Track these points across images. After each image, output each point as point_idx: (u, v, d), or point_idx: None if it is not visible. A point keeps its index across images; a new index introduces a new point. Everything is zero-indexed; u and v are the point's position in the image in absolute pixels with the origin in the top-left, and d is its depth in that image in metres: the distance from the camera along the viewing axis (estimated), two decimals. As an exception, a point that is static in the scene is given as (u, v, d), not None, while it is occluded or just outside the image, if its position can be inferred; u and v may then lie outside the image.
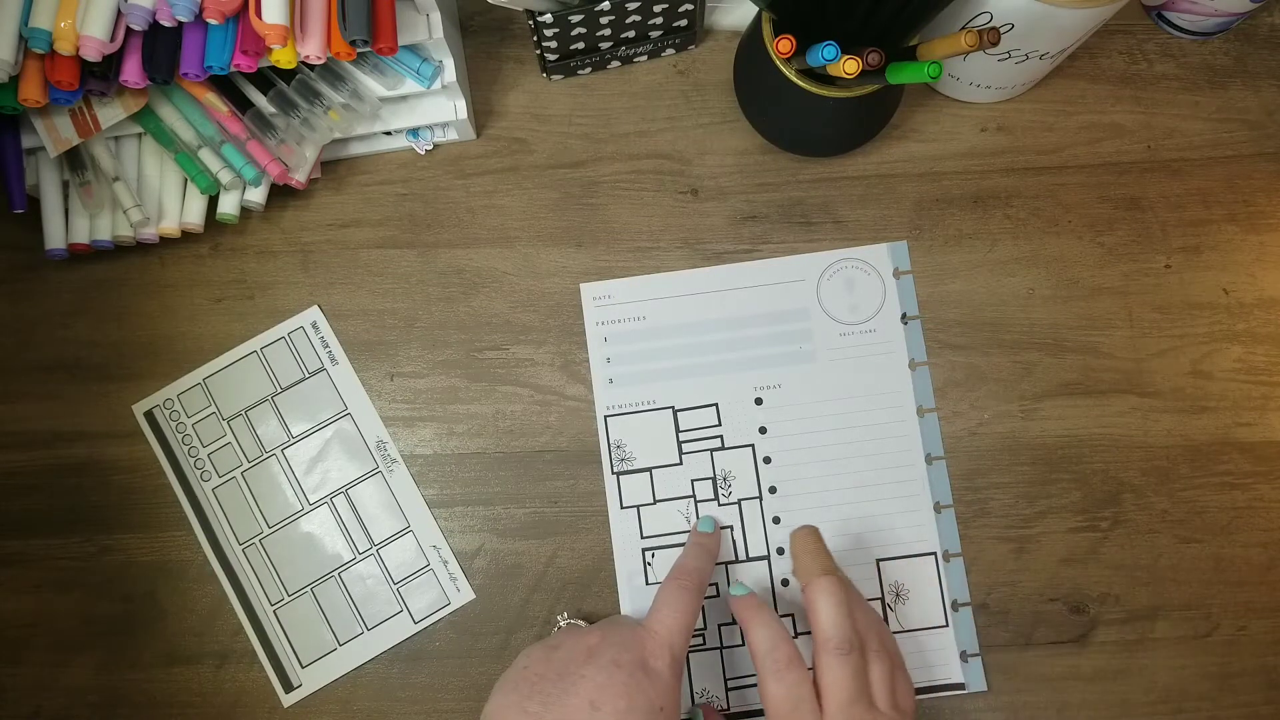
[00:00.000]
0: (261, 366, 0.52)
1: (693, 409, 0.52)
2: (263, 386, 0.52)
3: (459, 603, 0.50)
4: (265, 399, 0.52)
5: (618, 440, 0.52)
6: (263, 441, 0.52)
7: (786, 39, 0.45)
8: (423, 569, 0.50)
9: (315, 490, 0.51)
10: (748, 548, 0.51)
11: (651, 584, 0.51)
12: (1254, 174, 0.55)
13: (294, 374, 0.52)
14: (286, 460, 0.51)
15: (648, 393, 0.52)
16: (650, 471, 0.52)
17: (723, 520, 0.51)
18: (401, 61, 0.49)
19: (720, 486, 0.52)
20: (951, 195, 0.55)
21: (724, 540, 0.51)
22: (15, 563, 0.51)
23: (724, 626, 0.50)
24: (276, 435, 0.52)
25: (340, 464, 0.52)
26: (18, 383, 0.53)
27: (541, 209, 0.54)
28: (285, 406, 0.52)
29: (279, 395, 0.52)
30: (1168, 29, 0.57)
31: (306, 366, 0.52)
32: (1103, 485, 0.52)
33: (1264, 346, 0.53)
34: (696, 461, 0.52)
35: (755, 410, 0.52)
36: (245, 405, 0.52)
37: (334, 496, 0.51)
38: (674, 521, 0.51)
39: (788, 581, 0.51)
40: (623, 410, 0.52)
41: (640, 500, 0.51)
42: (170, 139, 0.50)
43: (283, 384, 0.52)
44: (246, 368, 0.52)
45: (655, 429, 0.52)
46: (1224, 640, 0.50)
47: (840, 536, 0.51)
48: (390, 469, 0.51)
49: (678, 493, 0.51)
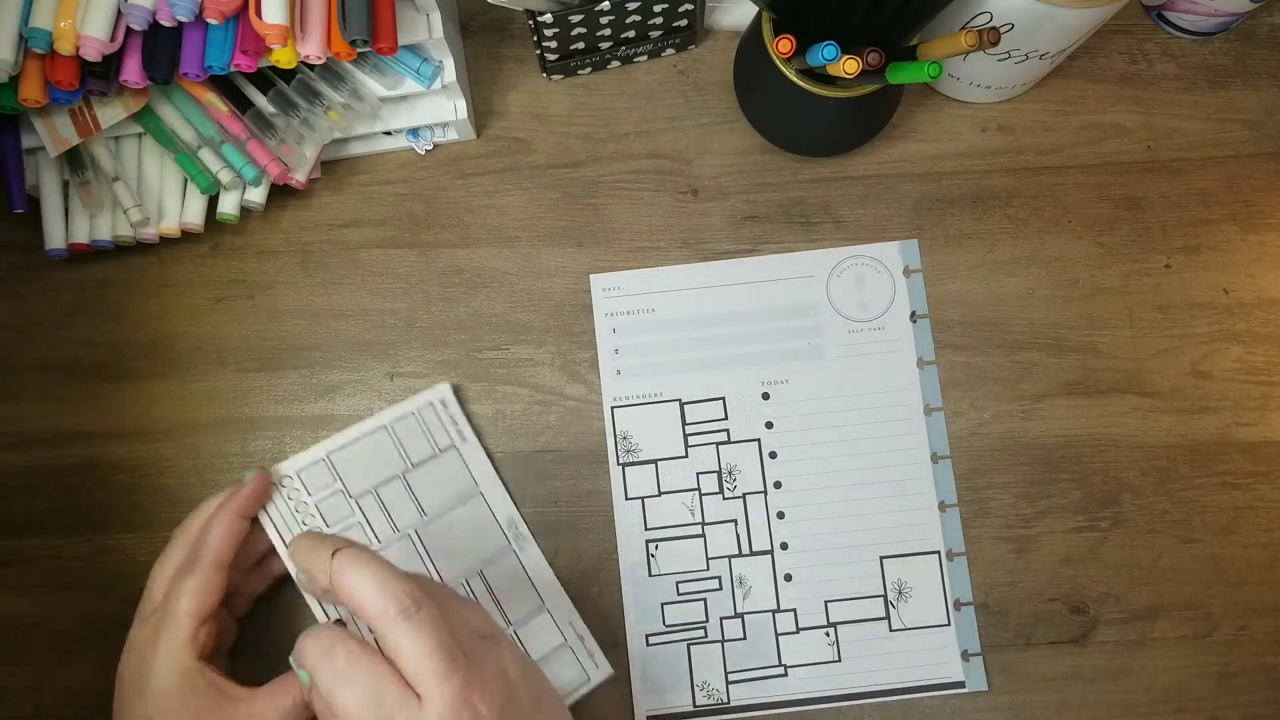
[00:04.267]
0: (389, 440, 0.50)
1: (700, 402, 0.52)
2: (394, 464, 0.50)
3: (598, 679, 0.49)
4: (393, 477, 0.50)
5: (624, 431, 0.52)
6: (396, 521, 0.49)
7: (786, 39, 0.45)
8: (559, 646, 0.49)
9: (449, 568, 0.49)
10: (751, 542, 0.51)
11: (655, 575, 0.50)
12: (1254, 174, 0.55)
13: (424, 450, 0.50)
14: (420, 540, 0.50)
15: (655, 385, 0.52)
16: (655, 463, 0.52)
17: (726, 514, 0.51)
18: (401, 61, 0.49)
19: (725, 480, 0.51)
20: (951, 195, 0.55)
21: (726, 533, 0.51)
22: (15, 563, 0.51)
23: (726, 620, 0.50)
24: (407, 515, 0.50)
25: (470, 548, 0.50)
26: (18, 383, 0.53)
27: (541, 209, 0.54)
28: (415, 484, 0.50)
29: (409, 473, 0.50)
30: (1168, 29, 0.57)
31: (437, 444, 0.50)
32: (1103, 485, 0.52)
33: (1264, 346, 0.53)
34: (702, 454, 0.52)
35: (762, 405, 0.52)
36: (375, 483, 0.50)
37: (468, 576, 0.49)
38: (679, 514, 0.51)
39: (791, 577, 0.50)
40: (630, 402, 0.52)
41: (645, 492, 0.51)
42: (170, 139, 0.50)
43: (414, 461, 0.50)
44: (375, 444, 0.50)
45: (662, 421, 0.52)
46: (1224, 640, 0.50)
47: (844, 533, 0.51)
48: (520, 548, 0.50)
49: (683, 485, 0.51)
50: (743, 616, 0.50)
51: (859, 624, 0.50)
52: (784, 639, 0.50)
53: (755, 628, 0.50)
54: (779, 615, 0.50)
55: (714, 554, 0.51)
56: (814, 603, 0.50)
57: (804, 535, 0.51)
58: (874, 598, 0.51)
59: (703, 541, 0.51)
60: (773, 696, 0.49)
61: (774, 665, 0.50)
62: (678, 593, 0.50)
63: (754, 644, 0.50)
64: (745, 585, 0.50)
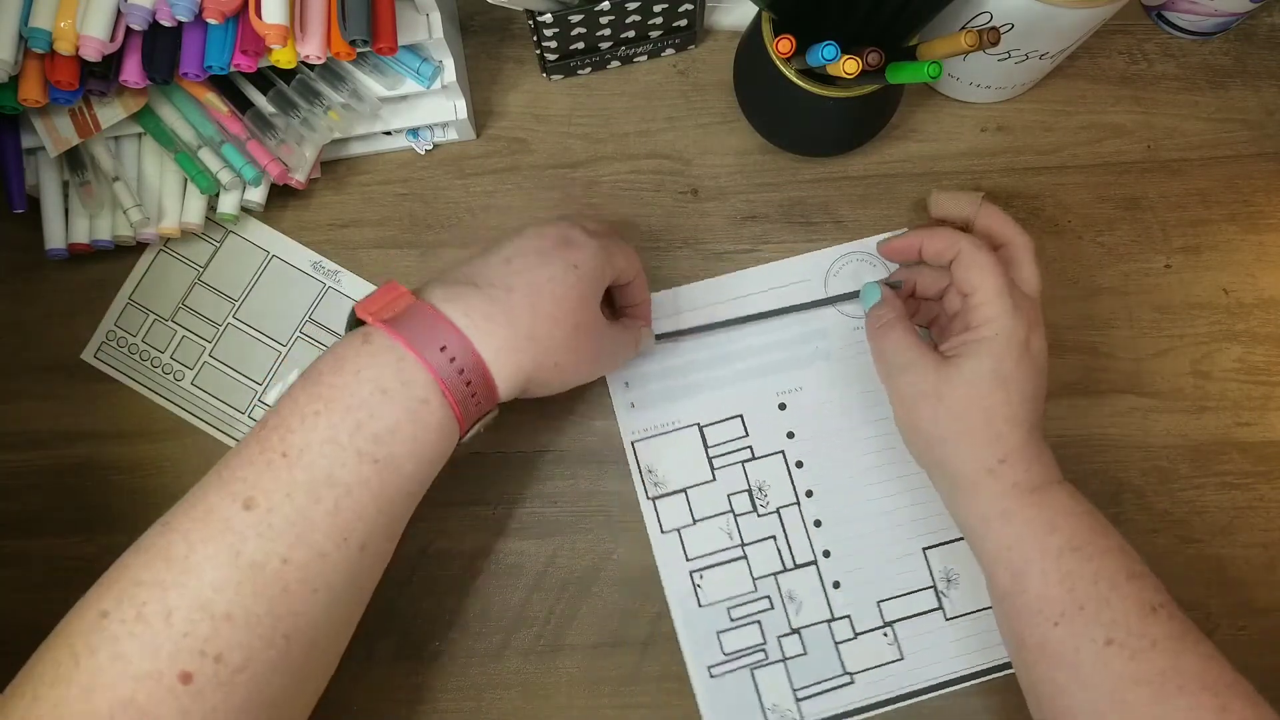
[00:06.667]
0: (174, 260, 0.53)
1: (718, 423, 0.52)
2: (185, 275, 0.53)
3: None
4: (193, 284, 0.53)
5: (648, 465, 0.51)
6: (213, 318, 0.53)
7: (786, 39, 0.45)
8: None
9: (284, 333, 0.53)
10: (793, 555, 0.50)
11: (705, 606, 0.50)
12: (1254, 174, 0.55)
13: (205, 251, 0.54)
14: (243, 323, 0.53)
15: (671, 413, 0.52)
16: (685, 492, 0.51)
17: (764, 531, 0.51)
18: (401, 61, 0.49)
19: (756, 498, 0.51)
20: (951, 195, 0.55)
21: (768, 551, 0.50)
22: (15, 563, 0.51)
23: (784, 638, 0.50)
24: (221, 308, 0.53)
25: (291, 300, 0.53)
26: (18, 383, 0.53)
27: (541, 209, 0.54)
28: (214, 281, 0.53)
29: (203, 275, 0.53)
30: (1168, 29, 0.57)
31: (213, 238, 0.54)
32: (1103, 485, 0.52)
33: (1264, 346, 0.53)
34: (729, 475, 0.51)
35: (780, 416, 0.52)
36: (179, 297, 0.53)
37: (302, 327, 0.52)
38: (717, 540, 0.50)
39: (839, 584, 0.50)
40: (649, 434, 0.52)
41: (680, 522, 0.51)
42: (170, 139, 0.50)
43: (201, 264, 0.53)
44: (162, 269, 0.53)
45: (684, 448, 0.51)
46: (1224, 640, 0.50)
47: (883, 530, 0.51)
48: (337, 281, 0.53)
49: (716, 510, 0.51)
50: (799, 632, 0.50)
51: (914, 619, 0.50)
52: (844, 647, 0.50)
53: (814, 641, 0.50)
54: (834, 624, 0.50)
55: (759, 574, 0.50)
56: (867, 605, 0.50)
57: (844, 540, 0.51)
58: (924, 590, 0.50)
59: (745, 563, 0.50)
60: (845, 706, 0.49)
61: (839, 675, 0.49)
62: (730, 619, 0.50)
63: (815, 657, 0.49)
64: (796, 600, 0.50)
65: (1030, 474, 0.44)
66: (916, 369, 0.45)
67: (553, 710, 0.50)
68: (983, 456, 0.44)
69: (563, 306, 0.42)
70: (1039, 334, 0.45)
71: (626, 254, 0.46)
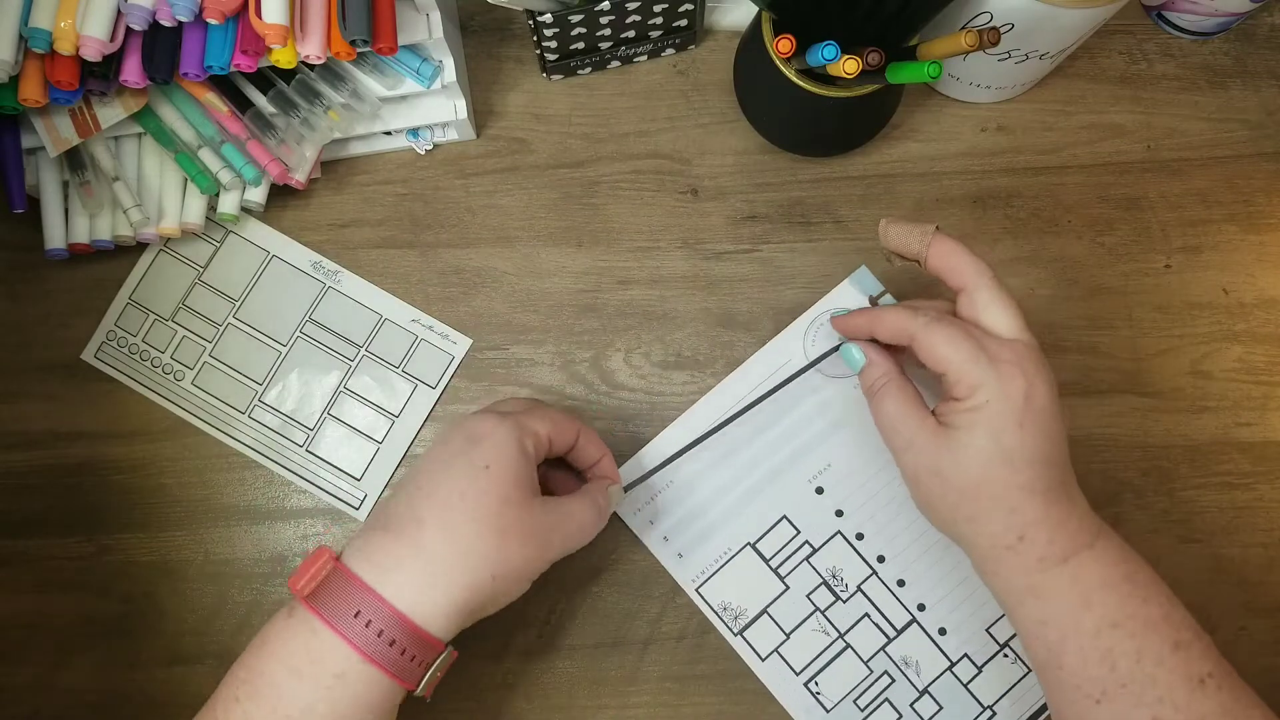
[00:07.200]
0: (174, 260, 0.54)
1: (767, 533, 0.51)
2: (185, 275, 0.53)
3: (460, 352, 0.53)
4: (193, 284, 0.53)
5: (722, 603, 0.50)
6: (213, 318, 0.53)
7: (786, 39, 0.45)
8: (415, 343, 0.52)
9: (284, 333, 0.53)
10: (890, 623, 0.50)
11: (831, 709, 0.49)
12: (1254, 174, 0.55)
13: (206, 251, 0.54)
14: (243, 323, 0.53)
15: (719, 545, 0.51)
16: (766, 612, 0.50)
17: (855, 614, 0.50)
18: (401, 61, 0.49)
19: (834, 586, 0.50)
20: (951, 195, 0.55)
21: (866, 630, 0.49)
22: (15, 563, 0.51)
23: (915, 703, 0.49)
24: (221, 308, 0.53)
25: (291, 300, 0.53)
26: (18, 383, 0.53)
27: (541, 209, 0.54)
28: (214, 281, 0.54)
29: (203, 275, 0.53)
30: (1168, 29, 0.57)
31: (213, 238, 0.54)
32: (1103, 485, 0.52)
33: (1264, 346, 0.53)
34: (800, 577, 0.50)
35: (821, 500, 0.51)
36: (179, 297, 0.53)
37: (302, 327, 0.53)
38: (816, 642, 0.50)
39: (945, 630, 0.50)
40: (708, 574, 0.50)
41: (774, 643, 0.50)
42: (170, 139, 0.50)
43: (201, 264, 0.54)
44: (162, 269, 0.53)
45: (746, 571, 0.50)
46: (1224, 640, 0.50)
47: (962, 567, 0.49)
48: (337, 281, 0.53)
49: (802, 615, 0.50)
50: (927, 691, 0.49)
51: None
52: (973, 685, 0.49)
53: (944, 692, 0.49)
54: (955, 668, 0.49)
55: (867, 655, 0.50)
56: (977, 638, 0.50)
57: (931, 587, 0.50)
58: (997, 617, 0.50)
59: (851, 652, 0.50)
60: None
61: (981, 712, 0.49)
62: (860, 709, 0.49)
63: (953, 709, 0.49)
64: (912, 663, 0.49)
65: (1055, 545, 0.40)
66: (915, 446, 0.42)
67: (553, 710, 0.50)
68: (999, 535, 0.40)
69: (479, 517, 0.39)
70: (1040, 380, 0.40)
71: (553, 421, 0.43)
